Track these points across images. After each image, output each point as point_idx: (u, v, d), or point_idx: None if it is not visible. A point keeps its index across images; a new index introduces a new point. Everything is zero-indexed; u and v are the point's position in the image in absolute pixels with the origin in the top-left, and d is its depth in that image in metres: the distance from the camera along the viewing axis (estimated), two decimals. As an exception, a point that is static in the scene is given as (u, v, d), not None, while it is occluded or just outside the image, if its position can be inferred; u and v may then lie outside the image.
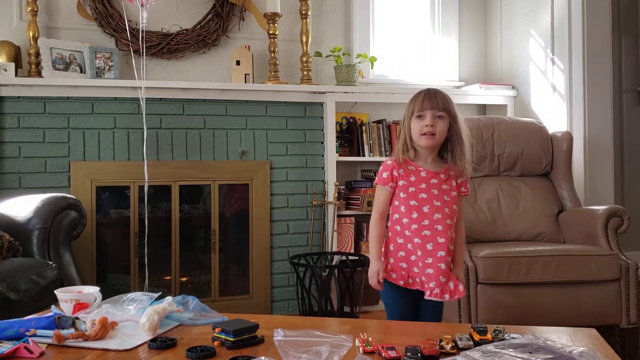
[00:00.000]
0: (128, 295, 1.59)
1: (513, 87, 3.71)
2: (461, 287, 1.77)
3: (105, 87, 3.03)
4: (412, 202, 1.79)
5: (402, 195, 1.82)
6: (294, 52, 3.52)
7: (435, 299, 1.74)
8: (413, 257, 1.79)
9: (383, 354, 1.24)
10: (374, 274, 1.82)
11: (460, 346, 1.28)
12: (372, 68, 3.65)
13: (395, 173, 1.83)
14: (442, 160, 1.87)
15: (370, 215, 2.31)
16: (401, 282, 1.80)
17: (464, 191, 1.87)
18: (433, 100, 1.77)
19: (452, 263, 1.81)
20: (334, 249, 3.30)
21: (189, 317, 1.55)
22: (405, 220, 1.80)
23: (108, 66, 3.11)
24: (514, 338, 1.29)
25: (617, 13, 3.67)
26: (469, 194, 1.89)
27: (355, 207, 3.43)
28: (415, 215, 1.78)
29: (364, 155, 3.49)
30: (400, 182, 1.82)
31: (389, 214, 1.87)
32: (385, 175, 1.85)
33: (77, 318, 1.43)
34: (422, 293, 1.77)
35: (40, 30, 3.07)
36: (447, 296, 1.74)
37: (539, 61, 3.51)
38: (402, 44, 3.87)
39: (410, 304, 1.84)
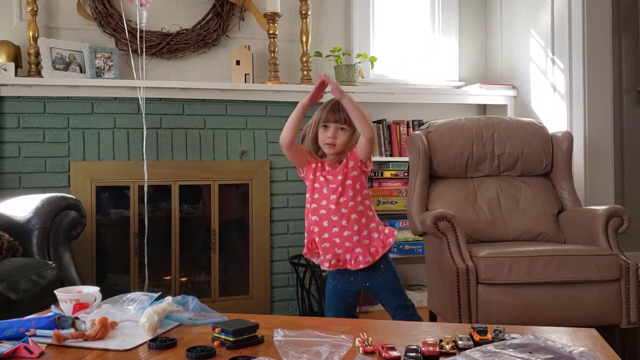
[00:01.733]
0: (128, 295, 1.59)
1: (513, 87, 3.71)
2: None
3: (105, 87, 3.03)
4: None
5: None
6: (294, 52, 3.51)
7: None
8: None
9: (383, 354, 1.24)
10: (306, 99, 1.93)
11: (460, 346, 1.28)
12: (372, 68, 3.65)
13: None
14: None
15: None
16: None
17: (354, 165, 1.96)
18: (336, 114, 1.93)
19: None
20: (334, 249, 3.29)
21: (189, 317, 1.55)
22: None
23: (108, 66, 3.11)
24: (514, 338, 1.29)
25: (617, 13, 3.67)
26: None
27: (355, 207, 3.43)
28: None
29: (364, 155, 3.48)
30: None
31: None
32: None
33: (77, 318, 1.43)
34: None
35: (40, 30, 3.07)
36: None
37: (539, 61, 3.51)
38: (402, 44, 3.87)
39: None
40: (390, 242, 1.94)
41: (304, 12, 3.39)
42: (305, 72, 3.39)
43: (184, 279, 3.22)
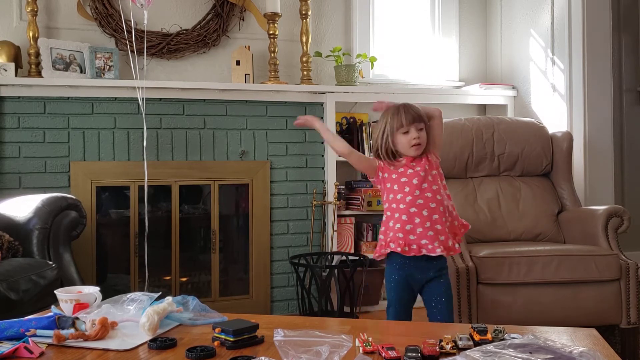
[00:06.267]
0: (128, 295, 1.59)
1: (513, 87, 3.71)
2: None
3: (105, 87, 3.03)
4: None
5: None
6: (294, 52, 3.52)
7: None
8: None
9: (383, 354, 1.24)
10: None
11: (460, 346, 1.28)
12: (372, 68, 3.65)
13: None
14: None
15: (369, 215, 2.29)
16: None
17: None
18: (411, 115, 1.96)
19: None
20: (334, 249, 3.30)
21: (189, 317, 1.55)
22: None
23: (108, 66, 3.11)
24: (514, 338, 1.29)
25: (617, 13, 3.67)
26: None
27: (355, 207, 3.43)
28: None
29: (364, 155, 3.49)
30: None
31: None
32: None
33: (77, 318, 1.43)
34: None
35: (40, 30, 3.07)
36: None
37: (539, 61, 3.51)
38: (402, 44, 3.87)
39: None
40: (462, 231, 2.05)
41: (304, 12, 3.39)
42: (305, 72, 3.39)
43: (184, 279, 3.22)
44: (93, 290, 1.65)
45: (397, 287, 1.98)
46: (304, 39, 3.40)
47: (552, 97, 3.40)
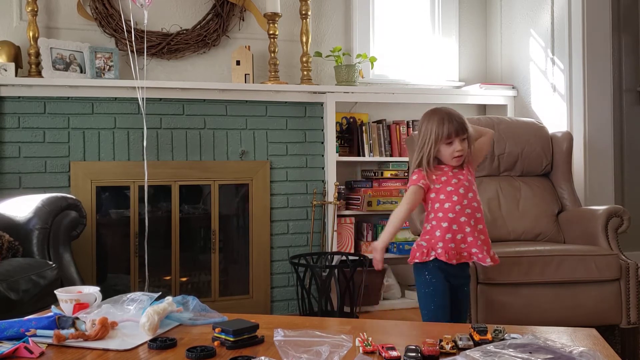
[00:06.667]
0: (128, 295, 1.59)
1: (513, 87, 3.71)
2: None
3: (105, 87, 3.03)
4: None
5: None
6: (294, 52, 3.52)
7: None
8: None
9: (383, 354, 1.24)
10: None
11: (460, 346, 1.28)
12: (372, 68, 3.65)
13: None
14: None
15: (369, 215, 2.25)
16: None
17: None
18: (456, 126, 1.97)
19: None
20: (334, 249, 3.30)
21: (189, 317, 1.55)
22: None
23: (108, 66, 3.11)
24: (514, 338, 1.29)
25: (617, 13, 3.67)
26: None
27: (355, 207, 3.43)
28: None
29: (364, 155, 3.49)
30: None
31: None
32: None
33: (77, 318, 1.43)
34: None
35: (40, 30, 3.07)
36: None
37: (539, 61, 3.51)
38: (402, 44, 3.87)
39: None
40: None
41: (304, 12, 3.39)
42: (305, 72, 3.39)
43: (184, 279, 3.22)
44: (93, 290, 1.65)
45: (440, 293, 1.97)
46: (304, 39, 3.40)
47: (552, 97, 3.40)
